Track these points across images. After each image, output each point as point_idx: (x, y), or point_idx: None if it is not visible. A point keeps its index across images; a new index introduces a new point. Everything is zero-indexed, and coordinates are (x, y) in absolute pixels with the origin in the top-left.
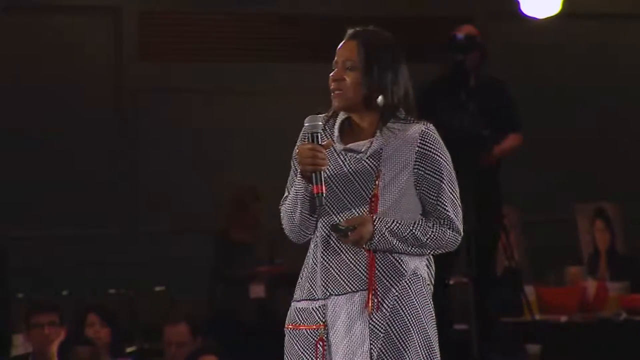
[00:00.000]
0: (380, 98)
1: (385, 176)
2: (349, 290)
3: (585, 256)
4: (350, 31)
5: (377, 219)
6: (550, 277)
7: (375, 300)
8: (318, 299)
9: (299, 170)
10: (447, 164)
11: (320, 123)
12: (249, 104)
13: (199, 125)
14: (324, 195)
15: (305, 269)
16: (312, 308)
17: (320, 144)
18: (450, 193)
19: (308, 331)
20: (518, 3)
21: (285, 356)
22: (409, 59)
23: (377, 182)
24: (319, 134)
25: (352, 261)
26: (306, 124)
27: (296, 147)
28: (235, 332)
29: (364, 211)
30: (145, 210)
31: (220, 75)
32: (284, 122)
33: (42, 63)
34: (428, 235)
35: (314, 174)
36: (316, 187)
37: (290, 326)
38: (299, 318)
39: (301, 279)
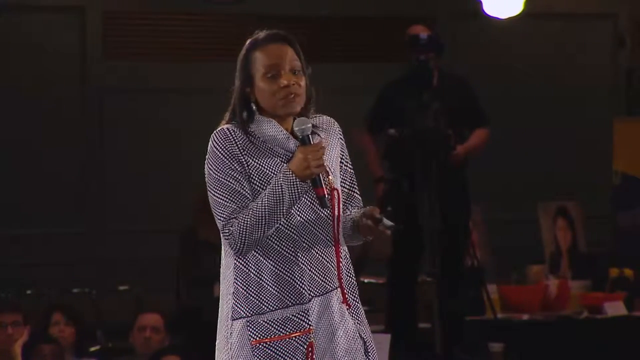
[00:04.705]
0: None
1: (331, 169)
2: (330, 288)
3: (547, 255)
4: (279, 34)
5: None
6: (512, 275)
7: (345, 293)
8: (295, 305)
9: (295, 175)
10: None
11: (310, 125)
12: (215, 103)
13: (165, 124)
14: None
15: (265, 279)
16: (293, 315)
17: (315, 144)
18: None
19: (295, 339)
20: (481, 3)
21: None
22: (374, 59)
23: (329, 177)
24: (310, 135)
25: (325, 257)
26: (296, 128)
27: (222, 158)
28: (200, 330)
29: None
30: (110, 209)
31: (186, 75)
32: None
33: (8, 63)
34: None
35: (319, 176)
36: (322, 189)
37: (265, 340)
38: (276, 329)
39: (254, 291)
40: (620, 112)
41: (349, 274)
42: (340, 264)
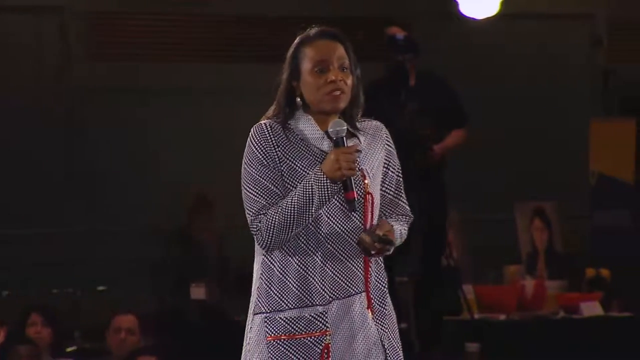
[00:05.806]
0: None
1: (369, 174)
2: (353, 292)
3: (524, 255)
4: (330, 31)
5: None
6: (489, 276)
7: (370, 299)
8: (315, 305)
9: (326, 176)
10: None
11: (345, 128)
12: (196, 104)
13: (147, 125)
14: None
15: (288, 277)
16: (311, 315)
17: (349, 147)
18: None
19: (311, 339)
20: (457, 4)
21: None
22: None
23: (365, 180)
24: (344, 137)
25: (354, 265)
26: (331, 129)
27: (256, 154)
28: (180, 331)
29: (361, 212)
30: (89, 209)
31: (169, 75)
32: (237, 123)
33: None
34: (403, 234)
35: (350, 179)
36: (353, 193)
37: (282, 337)
38: (293, 327)
39: (276, 287)
40: (597, 113)
41: (379, 280)
42: (370, 269)
